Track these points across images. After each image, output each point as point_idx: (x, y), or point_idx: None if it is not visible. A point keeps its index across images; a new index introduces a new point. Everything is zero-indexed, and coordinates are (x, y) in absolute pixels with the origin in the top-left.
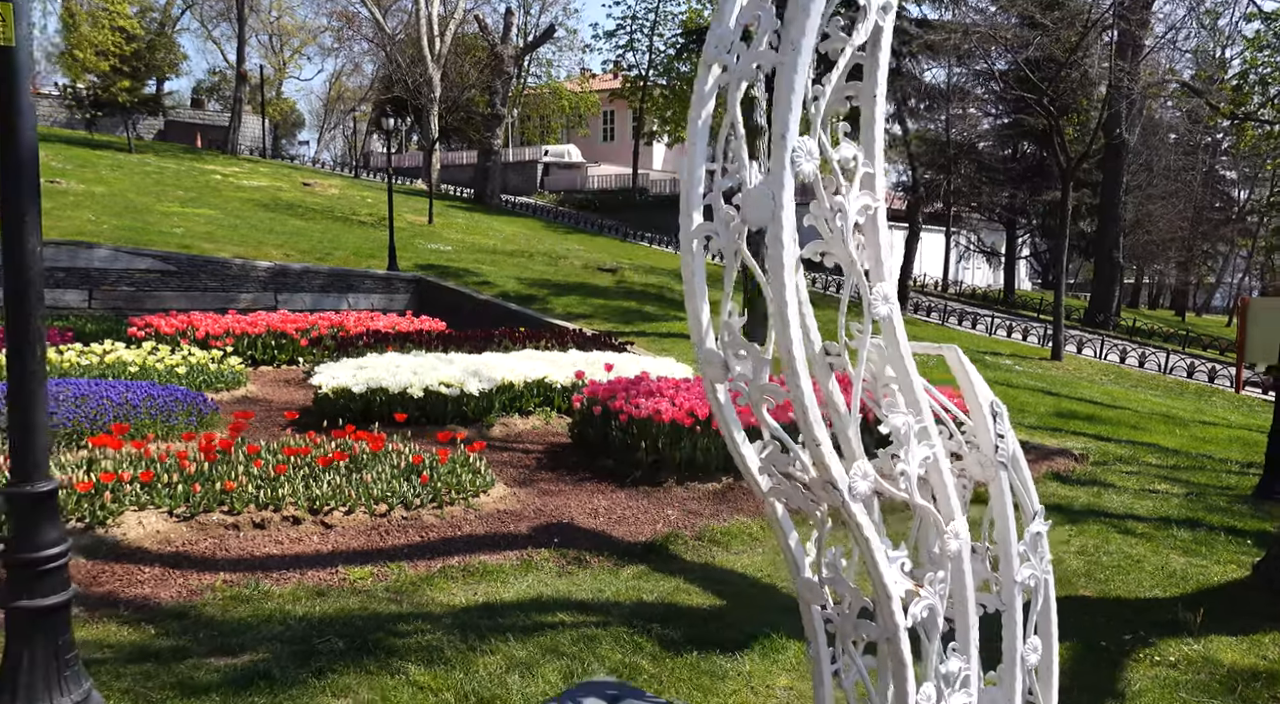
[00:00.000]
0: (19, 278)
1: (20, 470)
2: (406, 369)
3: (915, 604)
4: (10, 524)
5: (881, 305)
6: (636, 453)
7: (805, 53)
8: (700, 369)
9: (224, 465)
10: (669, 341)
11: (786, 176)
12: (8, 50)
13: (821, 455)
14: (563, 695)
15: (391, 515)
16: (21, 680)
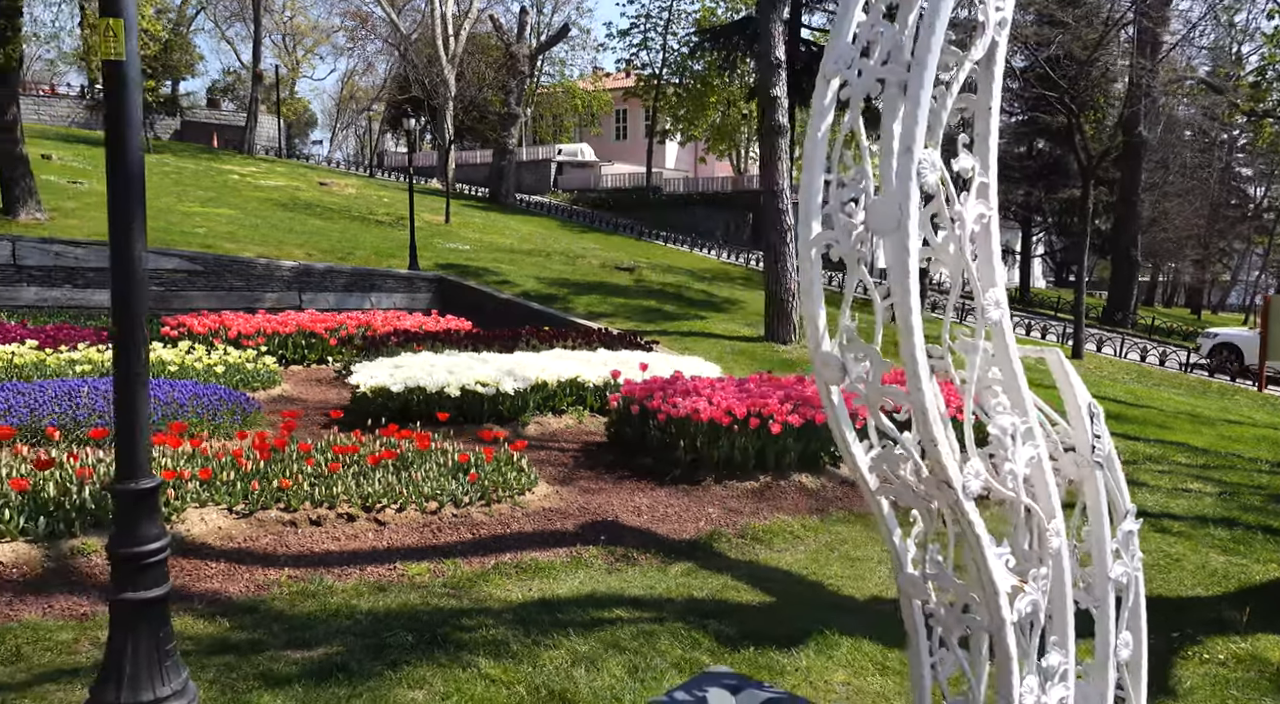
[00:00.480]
0: (126, 282)
1: (125, 468)
2: (442, 368)
3: (1020, 599)
4: (114, 520)
5: (994, 310)
6: (675, 452)
7: (931, 68)
8: (816, 371)
9: (277, 463)
10: (691, 340)
11: (912, 187)
12: (119, 64)
13: (939, 455)
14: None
15: (442, 513)
16: (126, 669)
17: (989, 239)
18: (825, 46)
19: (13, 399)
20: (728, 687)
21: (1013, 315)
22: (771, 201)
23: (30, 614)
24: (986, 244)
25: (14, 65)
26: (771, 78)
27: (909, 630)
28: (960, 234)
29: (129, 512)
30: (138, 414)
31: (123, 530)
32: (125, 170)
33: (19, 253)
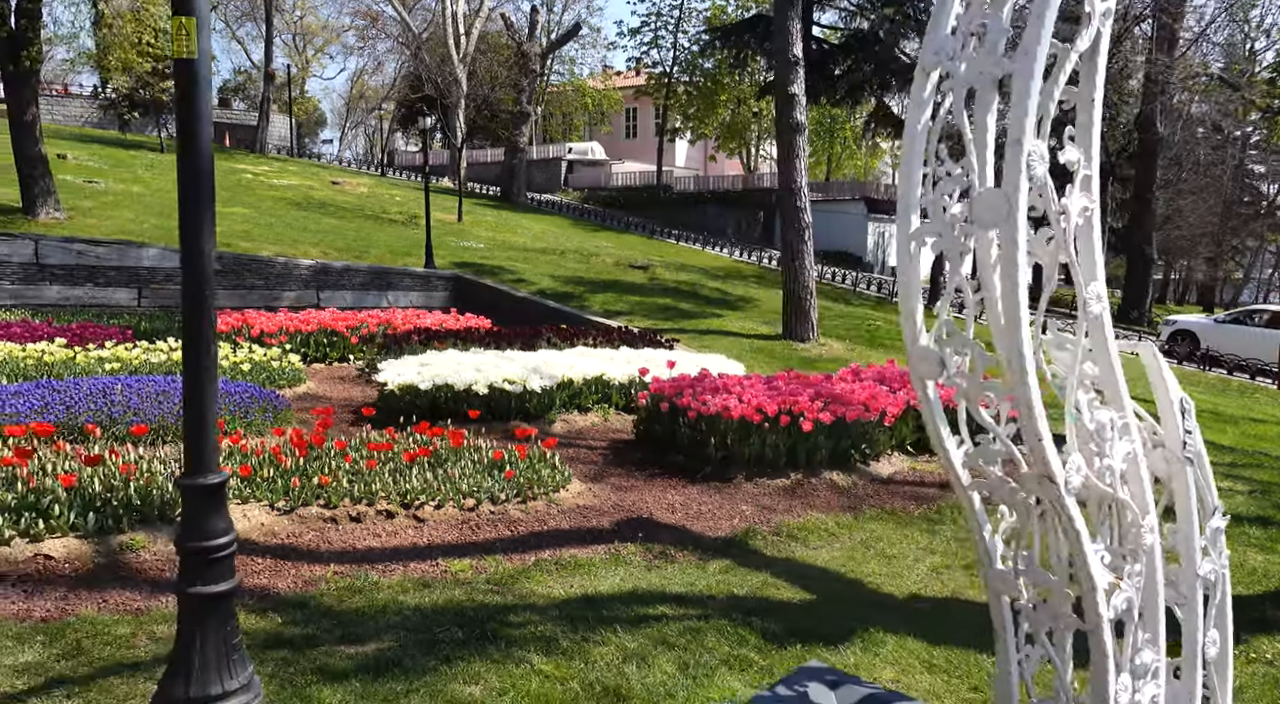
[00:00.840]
0: (196, 279)
1: (193, 463)
2: (469, 366)
3: (1115, 596)
4: (182, 514)
5: (1095, 304)
6: (706, 449)
7: (1040, 59)
8: (912, 366)
9: (315, 460)
10: (709, 338)
11: (1022, 180)
12: (191, 62)
13: (1044, 451)
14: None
15: (479, 510)
16: (195, 662)
17: (1090, 232)
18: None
19: (49, 396)
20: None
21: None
22: (789, 199)
23: (86, 609)
24: (1089, 237)
25: (34, 66)
26: (789, 75)
27: (996, 627)
28: (1065, 227)
29: (197, 507)
30: (206, 410)
31: (191, 525)
32: (195, 167)
33: (42, 252)
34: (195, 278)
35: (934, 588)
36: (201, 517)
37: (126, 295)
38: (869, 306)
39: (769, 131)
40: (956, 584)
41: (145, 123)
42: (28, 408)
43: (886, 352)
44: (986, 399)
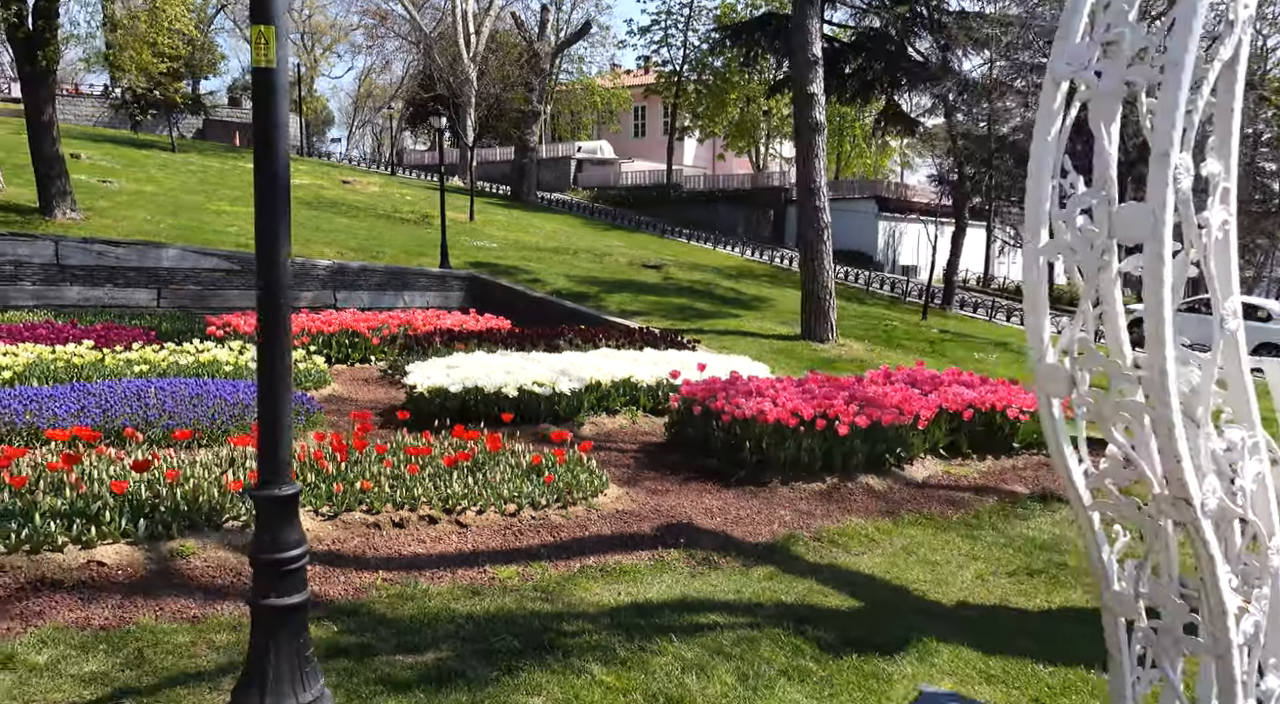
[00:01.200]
0: (271, 288)
1: (268, 474)
2: (498, 368)
3: (1244, 620)
4: (256, 525)
5: (1232, 320)
6: (740, 453)
7: (1187, 69)
8: (1039, 383)
9: (355, 465)
10: (728, 339)
11: (1168, 194)
12: (269, 71)
13: (1181, 473)
14: None
15: (521, 515)
16: (269, 675)
17: (1228, 246)
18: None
19: (85, 400)
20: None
21: (1052, 316)
22: (808, 199)
23: (144, 616)
24: (1225, 251)
25: (51, 67)
26: (809, 74)
27: (1110, 649)
28: (1206, 241)
29: (271, 518)
30: (281, 420)
31: (265, 537)
32: (273, 174)
33: (62, 253)
34: (271, 286)
35: (980, 595)
36: (275, 528)
37: (146, 296)
38: (883, 306)
39: (778, 130)
40: (1003, 591)
41: (155, 122)
42: (65, 411)
43: (905, 352)
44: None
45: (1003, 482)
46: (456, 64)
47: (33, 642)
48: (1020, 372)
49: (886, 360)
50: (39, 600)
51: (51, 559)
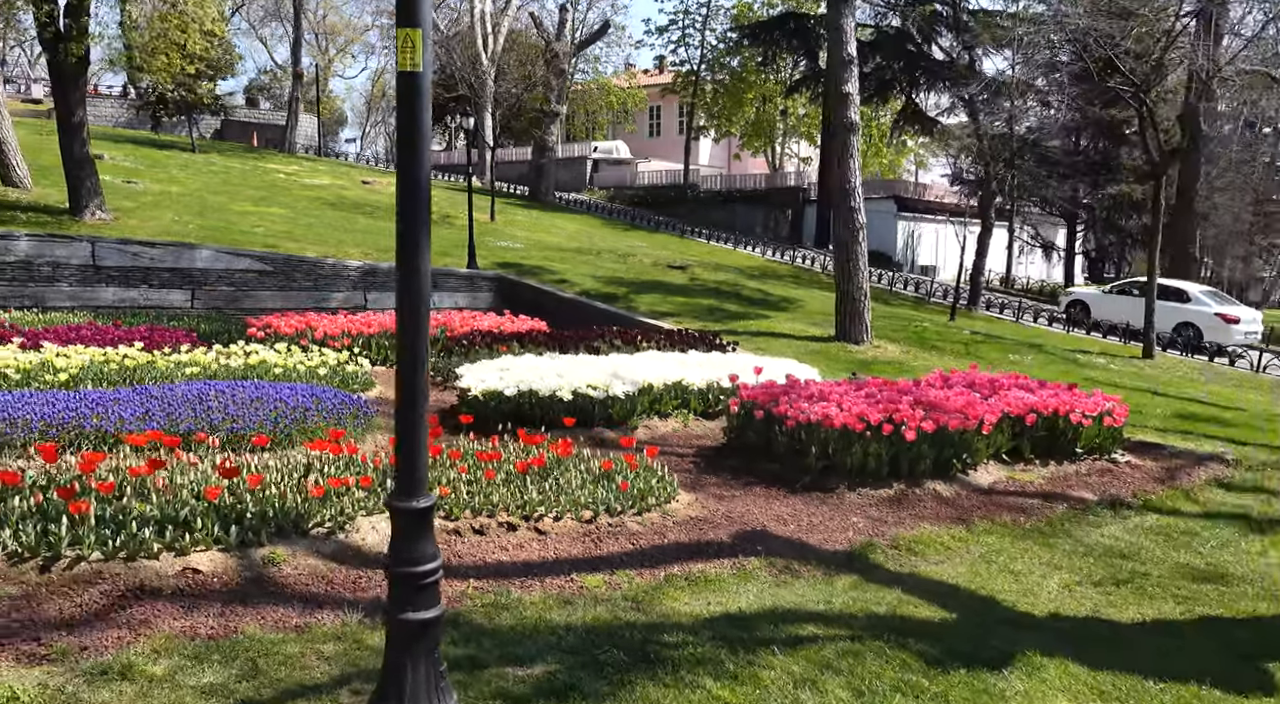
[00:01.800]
0: (413, 297)
1: (405, 486)
2: (550, 371)
3: None
4: (392, 538)
5: None
6: (805, 458)
7: None
8: None
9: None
10: (762, 340)
11: None
12: (415, 75)
13: None
14: None
15: (598, 522)
16: (406, 690)
17: None
18: None
19: (148, 403)
20: None
21: None
22: (843, 200)
23: (248, 626)
24: None
25: (82, 67)
26: (843, 74)
27: None
28: None
29: (408, 530)
30: (419, 431)
31: (402, 550)
32: (415, 180)
33: (99, 254)
34: (412, 295)
35: (1071, 607)
36: (412, 540)
37: (180, 297)
38: (908, 306)
39: (795, 129)
40: (1093, 603)
41: (175, 123)
42: (130, 415)
43: (940, 354)
44: None
45: (1069, 488)
46: (475, 65)
47: (147, 651)
48: (1055, 373)
49: (922, 362)
50: (142, 608)
51: (148, 566)
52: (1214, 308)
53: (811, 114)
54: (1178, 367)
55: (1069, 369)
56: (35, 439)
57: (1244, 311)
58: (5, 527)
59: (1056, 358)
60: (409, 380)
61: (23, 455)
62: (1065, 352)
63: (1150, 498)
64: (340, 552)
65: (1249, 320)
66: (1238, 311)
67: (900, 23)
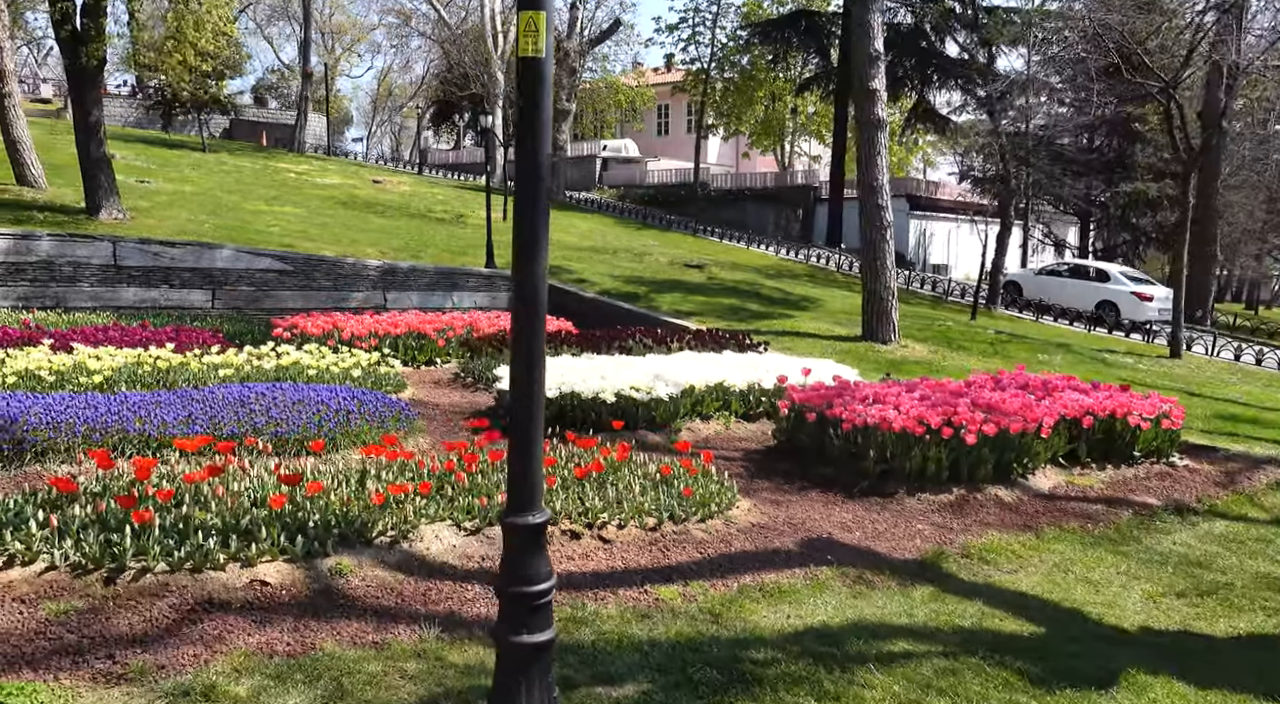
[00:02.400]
0: (529, 305)
1: (519, 500)
2: (592, 373)
3: None
4: (505, 555)
5: None
6: (862, 462)
7: None
8: None
9: (482, 476)
10: (788, 340)
11: None
12: (537, 61)
13: None
14: None
15: (662, 529)
16: None
17: None
18: None
19: (190, 406)
20: None
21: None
22: (870, 198)
23: (324, 642)
24: None
25: (99, 66)
26: (870, 70)
27: None
28: None
29: (522, 547)
30: (535, 441)
31: (514, 568)
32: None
33: (120, 254)
34: (528, 295)
35: (1160, 619)
36: (525, 558)
37: (201, 297)
38: (927, 305)
39: (805, 127)
40: (1181, 615)
41: (184, 122)
42: (173, 418)
43: (967, 354)
44: None
45: (1130, 493)
46: (486, 64)
47: (227, 670)
48: (1086, 373)
49: (951, 362)
50: (213, 623)
51: (215, 578)
52: (1131, 287)
53: (820, 112)
54: (1206, 366)
55: (1099, 369)
56: (79, 443)
57: (1158, 290)
58: (66, 537)
59: (1085, 358)
60: (525, 387)
61: (68, 460)
62: (1092, 351)
63: (1215, 503)
64: (406, 561)
65: (1161, 298)
66: (1152, 290)
67: (914, 20)
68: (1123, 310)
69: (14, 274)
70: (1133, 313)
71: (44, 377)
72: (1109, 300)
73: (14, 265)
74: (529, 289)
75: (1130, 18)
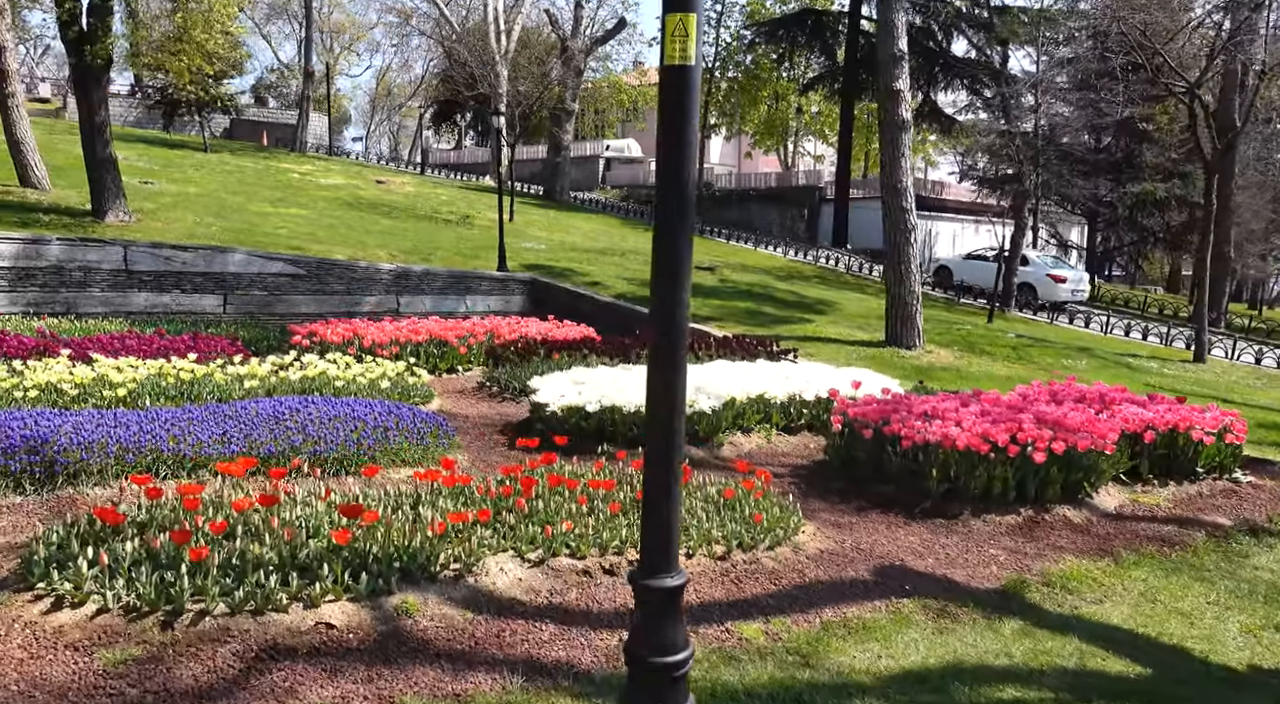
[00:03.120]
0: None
1: (655, 560)
2: (631, 384)
3: None
4: (637, 619)
5: None
6: (924, 481)
7: None
8: None
9: (539, 501)
10: (811, 346)
11: None
12: (685, 68)
13: None
14: None
15: (732, 558)
16: None
17: None
18: None
19: (224, 424)
20: None
21: (1115, 315)
22: (895, 200)
23: (405, 695)
24: None
25: (105, 66)
26: (895, 71)
27: None
28: None
29: (659, 612)
30: (673, 495)
31: (650, 634)
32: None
33: (131, 258)
34: (670, 336)
35: (1265, 657)
36: (662, 624)
37: (212, 302)
38: (940, 307)
39: (809, 127)
40: None
41: (185, 122)
42: (209, 437)
43: (991, 359)
44: None
45: (1199, 512)
46: (487, 64)
47: None
48: (1112, 378)
49: (978, 368)
50: (282, 673)
51: (277, 621)
52: (1046, 269)
53: (824, 111)
54: (1229, 371)
55: (1125, 374)
56: (112, 465)
57: (1071, 273)
58: (118, 575)
59: (1109, 362)
60: (663, 430)
61: (101, 483)
62: (1115, 355)
63: None
64: (473, 598)
65: (1075, 280)
66: (1065, 273)
67: (922, 20)
68: (1039, 292)
69: (23, 279)
70: (1048, 294)
71: (66, 390)
72: (1027, 282)
73: (24, 270)
74: (670, 320)
75: (1155, 17)
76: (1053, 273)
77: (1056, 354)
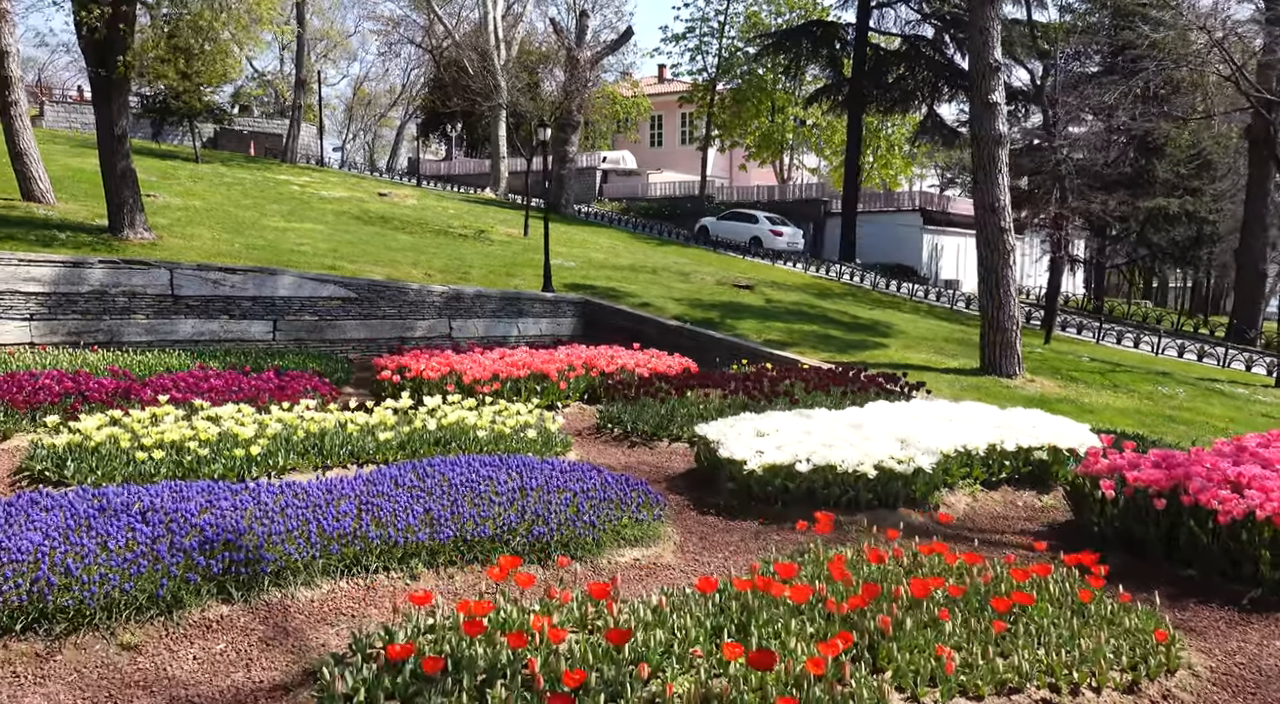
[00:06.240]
0: None
1: None
2: (841, 439)
3: None
4: None
5: None
6: (1246, 566)
7: None
8: None
9: (913, 614)
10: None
11: None
12: None
13: None
14: None
15: (1141, 689)
16: None
17: None
18: None
19: (419, 497)
20: None
21: (1146, 333)
22: (991, 219)
23: None
24: None
25: (126, 76)
26: (991, 82)
27: None
28: None
29: None
30: None
31: None
32: None
33: (177, 282)
34: None
35: None
36: None
37: (261, 329)
38: (978, 327)
39: (808, 139)
40: None
41: (171, 131)
42: (414, 519)
43: (1087, 386)
44: None
45: None
46: (486, 73)
47: None
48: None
49: (1092, 399)
50: None
51: None
52: (769, 226)
53: (821, 124)
54: None
55: (1232, 404)
56: (318, 558)
57: (787, 230)
58: None
59: (1200, 390)
60: None
61: (306, 581)
62: (1199, 381)
63: None
64: None
65: (790, 234)
66: (782, 229)
67: (933, 33)
68: (764, 242)
69: (63, 306)
70: (770, 244)
71: (194, 448)
72: (756, 236)
73: (64, 297)
74: None
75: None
76: (773, 229)
77: (1144, 380)
